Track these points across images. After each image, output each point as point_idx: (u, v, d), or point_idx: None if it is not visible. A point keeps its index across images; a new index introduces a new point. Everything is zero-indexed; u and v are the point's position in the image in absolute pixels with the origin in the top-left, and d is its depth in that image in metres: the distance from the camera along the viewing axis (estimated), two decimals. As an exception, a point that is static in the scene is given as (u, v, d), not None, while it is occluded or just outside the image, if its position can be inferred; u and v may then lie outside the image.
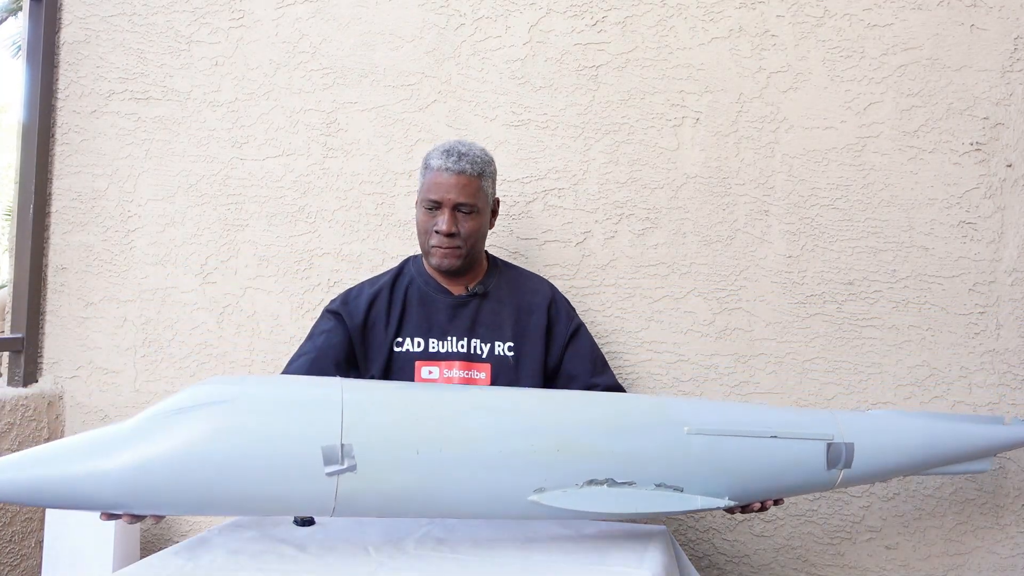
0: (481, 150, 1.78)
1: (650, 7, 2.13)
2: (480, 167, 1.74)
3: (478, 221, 1.74)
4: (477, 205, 1.73)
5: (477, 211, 1.73)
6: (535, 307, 1.81)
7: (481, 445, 1.29)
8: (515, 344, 1.77)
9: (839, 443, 1.48)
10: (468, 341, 1.76)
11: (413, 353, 1.76)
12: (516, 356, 1.76)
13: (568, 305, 1.88)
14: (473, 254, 1.77)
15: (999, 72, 1.97)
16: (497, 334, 1.77)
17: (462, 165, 1.72)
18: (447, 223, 1.71)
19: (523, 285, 1.84)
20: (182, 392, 1.25)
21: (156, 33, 2.40)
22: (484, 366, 1.75)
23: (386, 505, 1.27)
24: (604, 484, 1.33)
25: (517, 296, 1.82)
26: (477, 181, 1.73)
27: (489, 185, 1.77)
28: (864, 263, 2.03)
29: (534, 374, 1.77)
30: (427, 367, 1.75)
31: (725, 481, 1.41)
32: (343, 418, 1.24)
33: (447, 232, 1.71)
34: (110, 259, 2.42)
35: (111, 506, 1.20)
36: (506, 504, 1.32)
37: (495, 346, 1.76)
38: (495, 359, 1.75)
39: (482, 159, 1.76)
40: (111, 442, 1.18)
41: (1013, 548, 1.98)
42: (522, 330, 1.78)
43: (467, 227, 1.73)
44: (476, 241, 1.76)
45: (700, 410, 1.46)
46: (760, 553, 2.09)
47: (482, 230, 1.78)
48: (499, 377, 1.74)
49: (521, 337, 1.78)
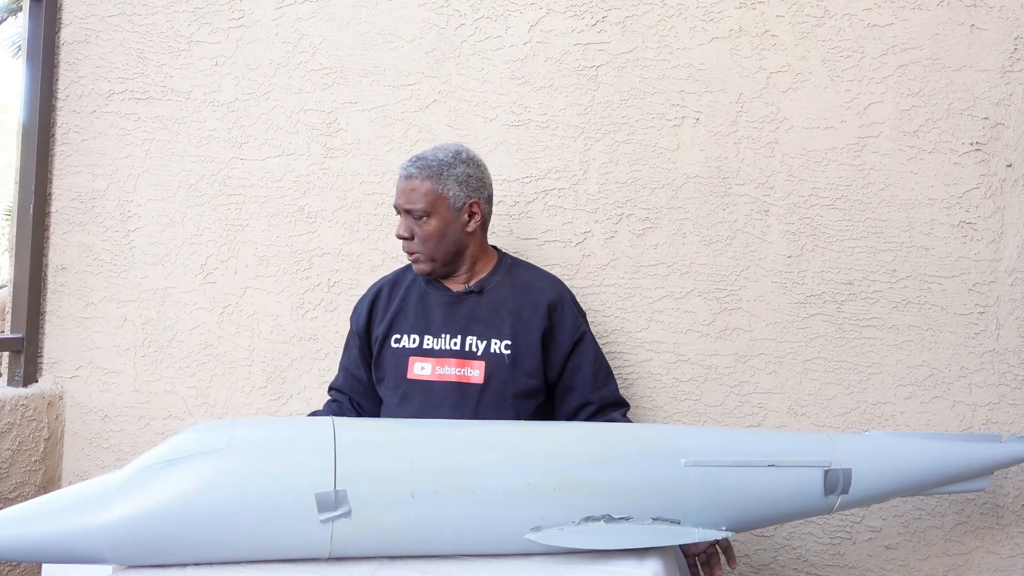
0: (451, 153, 1.75)
1: (650, 7, 2.13)
2: (434, 170, 1.71)
3: (435, 225, 1.73)
4: (426, 209, 1.72)
5: (429, 215, 1.72)
6: (538, 305, 1.79)
7: (476, 485, 1.29)
8: (513, 343, 1.75)
9: (836, 469, 1.48)
10: (463, 338, 1.76)
11: (408, 349, 1.77)
12: (513, 355, 1.75)
13: (575, 311, 1.84)
14: (442, 258, 1.76)
15: (999, 72, 1.97)
16: (494, 332, 1.76)
17: (411, 170, 1.72)
18: (401, 227, 1.75)
19: (529, 284, 1.82)
20: (170, 441, 1.25)
21: (156, 33, 2.40)
22: (478, 363, 1.74)
23: (382, 547, 1.28)
24: (601, 520, 1.33)
25: (520, 295, 1.80)
26: (427, 184, 1.71)
27: (450, 187, 1.73)
28: (864, 263, 2.03)
29: (530, 374, 1.76)
30: (420, 363, 1.76)
31: (722, 512, 1.41)
32: (336, 463, 1.24)
33: (399, 235, 1.75)
34: (110, 259, 2.42)
35: (105, 560, 1.20)
36: (502, 543, 1.32)
37: (491, 344, 1.75)
38: (490, 357, 1.74)
39: (442, 162, 1.73)
40: (102, 496, 1.19)
41: (1013, 548, 1.98)
42: (521, 329, 1.77)
43: (423, 231, 1.73)
44: (437, 244, 1.74)
45: (696, 440, 1.45)
46: (760, 553, 2.09)
47: (445, 233, 1.74)
48: (494, 376, 1.73)
49: (519, 336, 1.76)
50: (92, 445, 2.45)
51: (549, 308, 1.79)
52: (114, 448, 2.43)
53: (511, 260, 1.88)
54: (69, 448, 2.48)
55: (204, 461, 1.22)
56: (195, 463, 1.21)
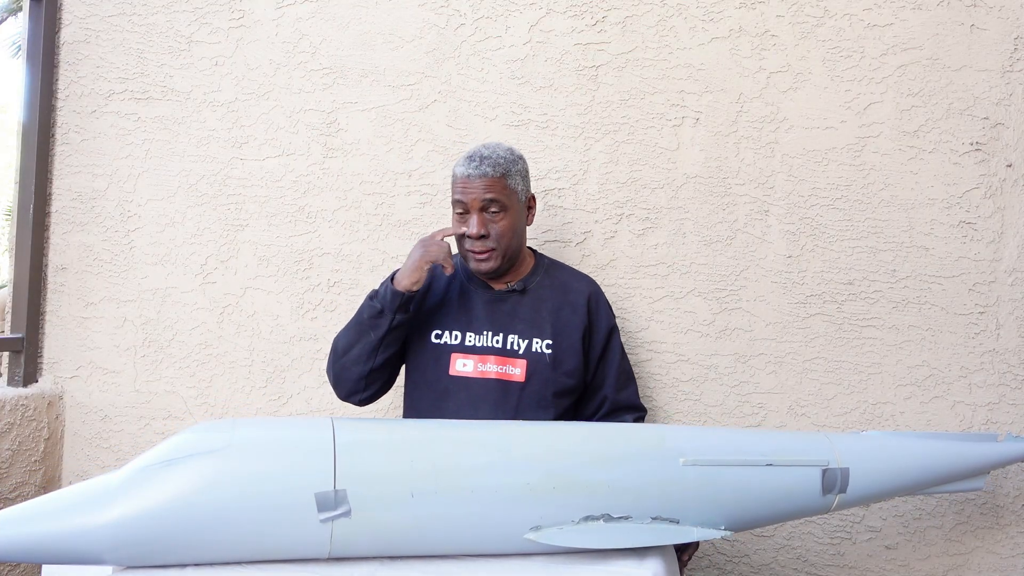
0: (507, 150, 1.77)
1: (650, 7, 2.13)
2: (504, 167, 1.73)
3: (510, 219, 1.74)
4: (504, 203, 1.72)
5: (506, 209, 1.73)
6: (577, 306, 1.80)
7: (476, 485, 1.29)
8: (554, 342, 1.76)
9: (834, 469, 1.49)
10: (504, 336, 1.76)
11: (450, 345, 1.76)
12: (554, 355, 1.75)
13: (608, 307, 1.86)
14: (511, 253, 1.76)
15: (999, 72, 1.97)
16: (536, 331, 1.77)
17: (483, 168, 1.72)
18: (476, 225, 1.72)
19: (566, 283, 1.84)
20: (169, 441, 1.25)
21: (156, 33, 2.40)
22: (520, 362, 1.74)
23: (382, 546, 1.28)
24: (600, 519, 1.33)
25: (559, 295, 1.81)
26: (502, 180, 1.72)
27: (518, 182, 1.76)
28: (864, 263, 2.03)
29: (570, 374, 1.76)
30: (462, 359, 1.75)
31: (721, 511, 1.41)
32: (335, 463, 1.24)
33: (476, 234, 1.72)
34: (110, 259, 2.42)
35: (104, 561, 1.20)
36: (502, 542, 1.32)
37: (533, 343, 1.76)
38: (532, 355, 1.75)
39: (506, 158, 1.75)
40: (101, 496, 1.19)
41: (1013, 548, 1.98)
42: (562, 329, 1.77)
43: (498, 227, 1.73)
44: (511, 239, 1.75)
45: (695, 439, 1.46)
46: (760, 553, 2.09)
47: (516, 228, 1.76)
48: (535, 374, 1.74)
49: (560, 335, 1.77)
50: (92, 445, 2.45)
51: (588, 306, 1.81)
52: (114, 448, 2.43)
53: (548, 260, 1.89)
54: (69, 448, 2.48)
55: (204, 461, 1.22)
56: (195, 463, 1.21)
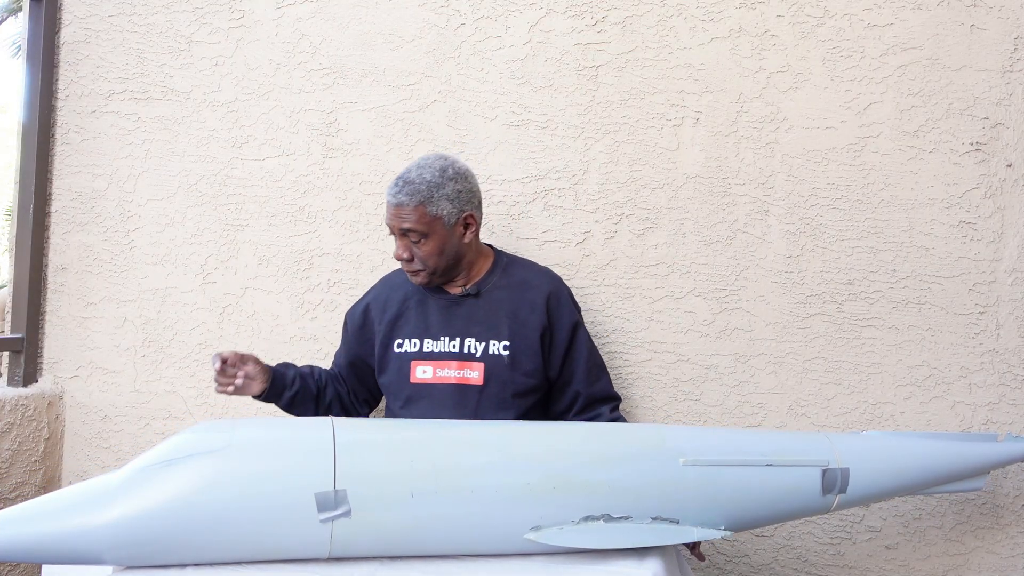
0: (436, 172, 1.72)
1: (650, 7, 2.13)
2: (424, 194, 1.70)
3: (433, 244, 1.72)
4: (423, 231, 1.71)
5: (426, 235, 1.72)
6: (536, 305, 1.80)
7: (476, 485, 1.29)
8: (511, 343, 1.77)
9: (834, 469, 1.49)
10: (461, 340, 1.78)
11: (410, 353, 1.80)
12: (511, 355, 1.76)
13: (570, 302, 1.86)
14: (442, 271, 1.77)
15: (999, 72, 1.97)
16: (492, 333, 1.77)
17: (400, 197, 1.71)
18: (398, 249, 1.75)
19: (525, 282, 1.83)
20: (170, 441, 1.25)
21: (156, 33, 2.40)
22: (477, 365, 1.76)
23: (382, 547, 1.28)
24: (600, 519, 1.34)
25: (517, 294, 1.81)
26: (420, 208, 1.70)
27: (442, 207, 1.71)
28: (864, 263, 2.03)
29: (529, 374, 1.77)
30: (421, 366, 1.78)
31: (721, 511, 1.42)
32: (335, 463, 1.24)
33: (398, 257, 1.76)
34: (110, 259, 2.42)
35: (104, 561, 1.20)
36: (502, 543, 1.32)
37: (489, 345, 1.77)
38: (489, 358, 1.76)
39: (430, 183, 1.70)
40: (101, 496, 1.19)
41: (1013, 548, 1.98)
42: (520, 329, 1.78)
43: (422, 251, 1.73)
44: (437, 261, 1.74)
45: (695, 439, 1.46)
46: (760, 553, 2.09)
47: (443, 250, 1.74)
48: (493, 376, 1.75)
49: (517, 337, 1.78)
50: (92, 445, 2.45)
51: (547, 304, 1.81)
52: (114, 448, 2.43)
53: (507, 259, 1.89)
54: (69, 448, 2.48)
55: (204, 461, 1.22)
56: (195, 463, 1.21)
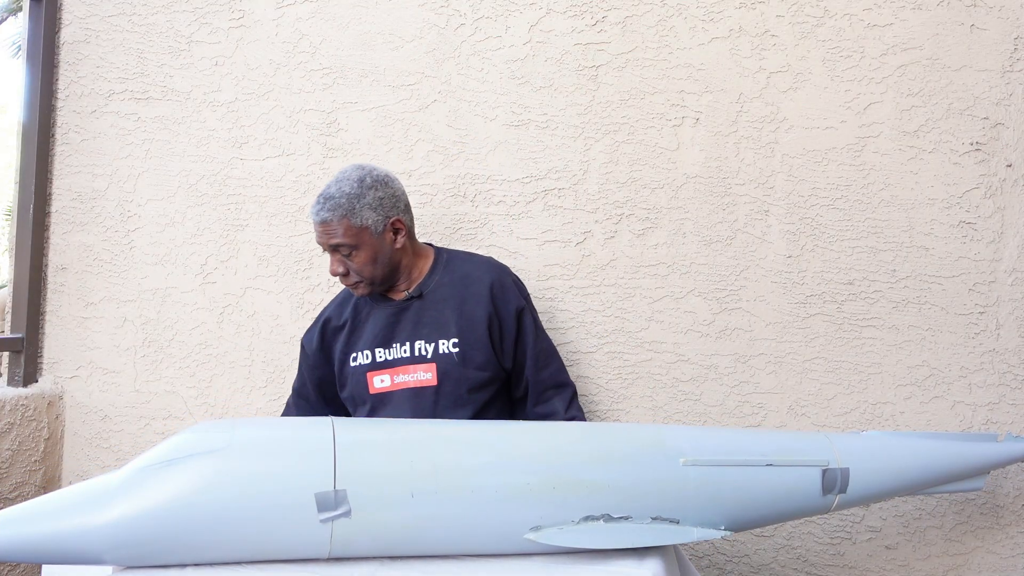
0: (355, 182, 1.73)
1: (650, 7, 2.13)
2: (346, 207, 1.71)
3: (365, 254, 1.74)
4: (352, 243, 1.72)
5: (356, 247, 1.73)
6: (480, 296, 1.81)
7: (476, 485, 1.29)
8: (460, 339, 1.77)
9: (834, 469, 1.49)
10: (412, 344, 1.79)
11: (364, 366, 1.81)
12: (461, 352, 1.77)
13: (515, 289, 1.86)
14: (381, 278, 1.78)
15: (999, 72, 1.97)
16: (441, 332, 1.78)
17: (323, 214, 1.72)
18: (332, 264, 1.77)
19: (468, 275, 1.84)
20: (170, 441, 1.25)
21: (156, 33, 2.40)
22: (430, 366, 1.77)
23: (382, 546, 1.28)
24: (600, 519, 1.33)
25: (461, 289, 1.82)
26: (344, 221, 1.71)
27: (366, 217, 1.73)
28: (864, 263, 2.03)
29: (481, 367, 1.78)
30: (378, 376, 1.80)
31: (721, 511, 1.41)
32: (335, 463, 1.24)
33: (333, 273, 1.77)
34: (110, 259, 2.42)
35: (104, 561, 1.20)
36: (502, 542, 1.32)
37: (439, 345, 1.78)
38: (440, 357, 1.77)
39: (350, 195, 1.72)
40: (101, 496, 1.19)
41: (1013, 548, 1.98)
42: (467, 325, 1.79)
43: (355, 263, 1.75)
44: (373, 270, 1.76)
45: (695, 439, 1.46)
46: (760, 553, 2.09)
47: (377, 258, 1.75)
48: (446, 375, 1.76)
49: (465, 332, 1.78)
50: (92, 445, 2.45)
51: (491, 294, 1.81)
52: (114, 448, 2.43)
53: (447, 255, 1.89)
54: (69, 448, 2.48)
55: (204, 461, 1.22)
56: (195, 463, 1.21)
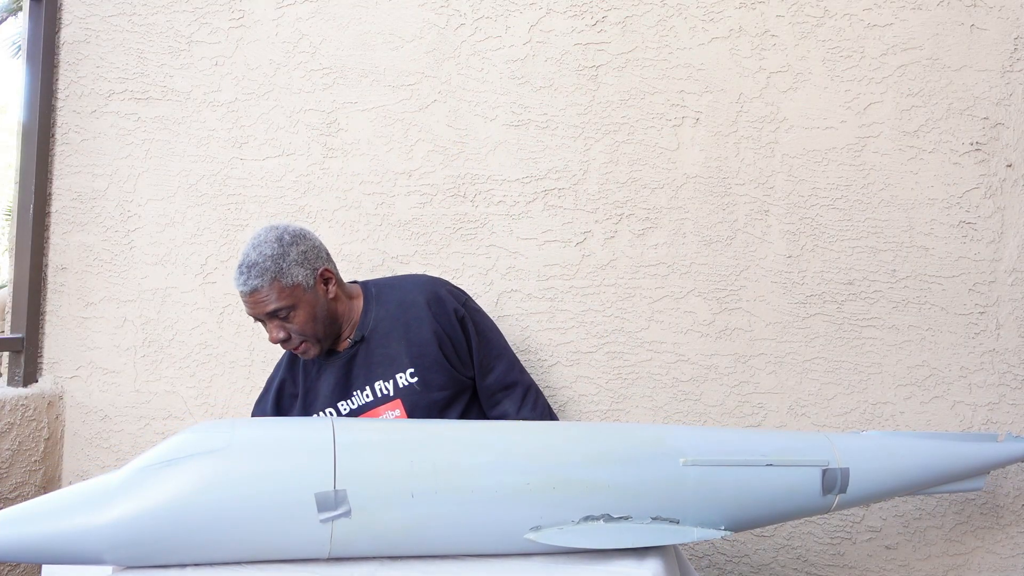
0: (273, 243, 1.66)
1: (650, 7, 2.13)
2: (272, 271, 1.65)
3: (303, 312, 1.67)
4: (288, 304, 1.66)
5: (293, 307, 1.66)
6: (422, 317, 1.75)
7: (475, 485, 1.29)
8: (415, 367, 1.73)
9: (834, 469, 1.49)
10: (372, 386, 1.75)
11: None
12: (421, 379, 1.73)
13: (450, 298, 1.79)
14: (326, 333, 1.72)
15: (999, 72, 1.97)
16: (395, 367, 1.74)
17: (251, 283, 1.64)
18: (273, 331, 1.68)
19: (402, 301, 1.78)
20: (170, 441, 1.25)
21: (156, 33, 2.40)
22: (395, 403, 1.73)
23: (382, 547, 1.28)
24: (600, 519, 1.33)
25: (400, 316, 1.76)
26: (275, 285, 1.65)
27: (296, 274, 1.66)
28: (864, 263, 2.03)
29: (443, 387, 1.73)
30: None
31: (721, 511, 1.41)
32: (335, 463, 1.24)
33: (275, 340, 1.69)
34: (110, 259, 2.42)
35: (104, 561, 1.20)
36: (502, 542, 1.32)
37: (397, 379, 1.73)
38: (402, 391, 1.73)
39: (273, 256, 1.65)
40: (101, 496, 1.19)
41: (1013, 548, 1.98)
42: (417, 351, 1.74)
43: (296, 324, 1.68)
44: (315, 326, 1.69)
45: (695, 439, 1.46)
46: (760, 553, 2.09)
47: (316, 313, 1.69)
48: (414, 406, 1.72)
49: (418, 357, 1.73)
50: (92, 445, 2.45)
51: (430, 310, 1.75)
52: (114, 448, 2.43)
53: (375, 288, 1.82)
54: (69, 448, 2.48)
55: (204, 461, 1.21)
56: (195, 463, 1.21)
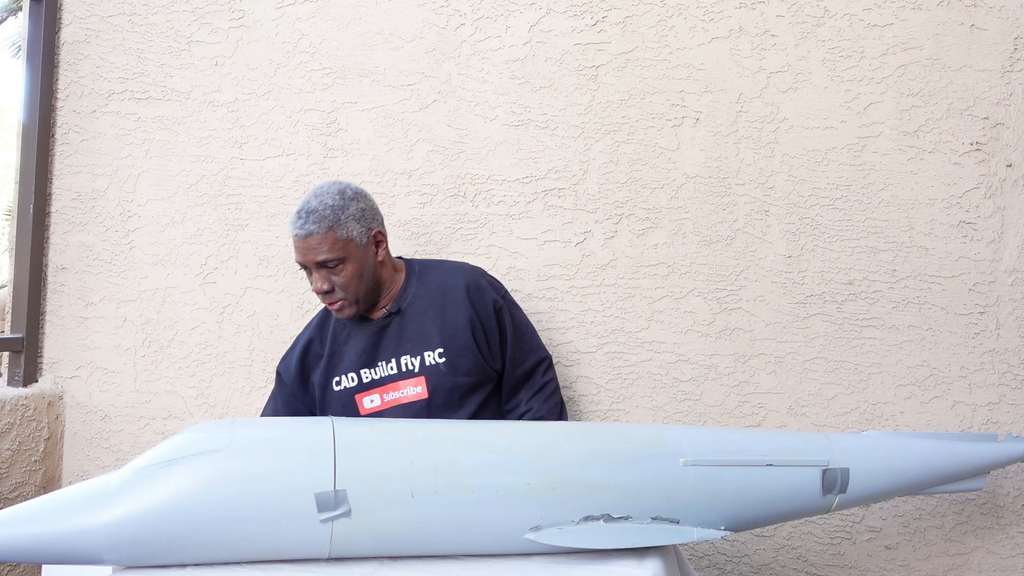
0: (336, 195, 1.71)
1: (650, 7, 2.13)
2: (331, 219, 1.69)
3: (352, 267, 1.71)
4: (339, 256, 1.69)
5: (343, 260, 1.70)
6: (459, 302, 1.79)
7: (476, 485, 1.29)
8: (445, 348, 1.76)
9: (834, 469, 1.49)
10: (397, 361, 1.78)
11: (351, 388, 1.79)
12: (448, 360, 1.76)
13: (490, 289, 1.84)
14: (365, 296, 1.75)
15: (999, 72, 1.97)
16: (424, 344, 1.77)
17: (308, 227, 1.68)
18: (317, 281, 1.71)
19: (443, 284, 1.82)
20: (170, 441, 1.25)
21: (156, 33, 2.40)
22: (418, 379, 1.76)
23: (382, 547, 1.28)
24: (600, 519, 1.33)
25: (439, 298, 1.80)
26: (330, 235, 1.69)
27: (351, 228, 1.71)
28: (864, 263, 2.03)
29: (468, 372, 1.77)
30: (367, 397, 1.78)
31: (721, 511, 1.42)
32: (335, 463, 1.24)
33: (320, 290, 1.72)
34: (110, 259, 2.42)
35: (103, 561, 1.20)
36: (502, 542, 1.32)
37: (425, 357, 1.77)
38: (427, 369, 1.76)
39: (334, 206, 1.70)
40: (101, 497, 1.19)
41: (1013, 548, 1.98)
42: (449, 332, 1.77)
43: (342, 278, 1.71)
44: (359, 285, 1.73)
45: (695, 439, 1.46)
46: (760, 553, 2.09)
47: (363, 272, 1.73)
48: (437, 386, 1.75)
49: (450, 339, 1.77)
50: (92, 445, 2.45)
51: (469, 298, 1.80)
52: (114, 448, 2.43)
53: (419, 266, 1.87)
54: (69, 448, 2.48)
55: (204, 461, 1.21)
56: (195, 463, 1.21)
